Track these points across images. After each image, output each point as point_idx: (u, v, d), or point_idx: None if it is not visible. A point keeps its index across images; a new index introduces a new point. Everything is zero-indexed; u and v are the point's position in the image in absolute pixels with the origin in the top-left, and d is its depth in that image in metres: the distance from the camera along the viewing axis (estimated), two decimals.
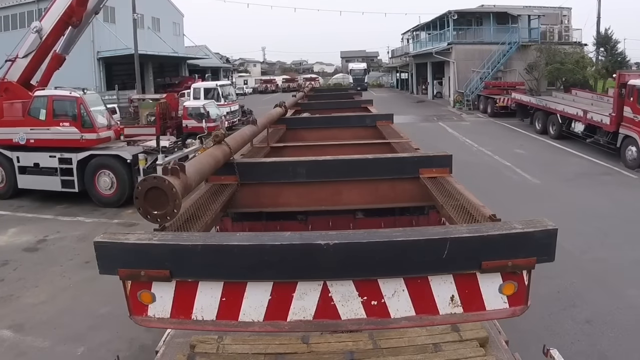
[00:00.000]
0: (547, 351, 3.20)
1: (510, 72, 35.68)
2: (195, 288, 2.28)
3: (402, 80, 65.15)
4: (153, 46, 51.98)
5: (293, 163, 4.26)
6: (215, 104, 22.73)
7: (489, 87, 32.10)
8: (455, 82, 35.86)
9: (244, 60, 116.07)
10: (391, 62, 74.75)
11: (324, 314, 2.28)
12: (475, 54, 35.82)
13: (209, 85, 26.35)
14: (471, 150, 19.91)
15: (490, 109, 30.56)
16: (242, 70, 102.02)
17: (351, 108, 10.50)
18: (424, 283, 2.26)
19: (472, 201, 3.27)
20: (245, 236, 2.33)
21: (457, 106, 35.20)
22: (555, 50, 33.63)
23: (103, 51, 43.18)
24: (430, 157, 4.25)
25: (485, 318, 2.42)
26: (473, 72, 35.12)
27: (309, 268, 2.20)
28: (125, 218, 12.73)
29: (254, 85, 73.84)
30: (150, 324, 2.35)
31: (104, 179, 13.46)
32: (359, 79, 63.38)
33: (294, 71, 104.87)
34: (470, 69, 35.55)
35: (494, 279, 2.26)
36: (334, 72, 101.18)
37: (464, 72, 35.62)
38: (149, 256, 2.23)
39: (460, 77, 35.69)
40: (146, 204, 2.47)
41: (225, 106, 24.51)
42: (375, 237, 2.22)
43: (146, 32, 52.68)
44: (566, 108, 21.01)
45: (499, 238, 2.21)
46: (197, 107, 21.40)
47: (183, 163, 2.73)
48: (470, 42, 36.70)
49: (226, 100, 25.21)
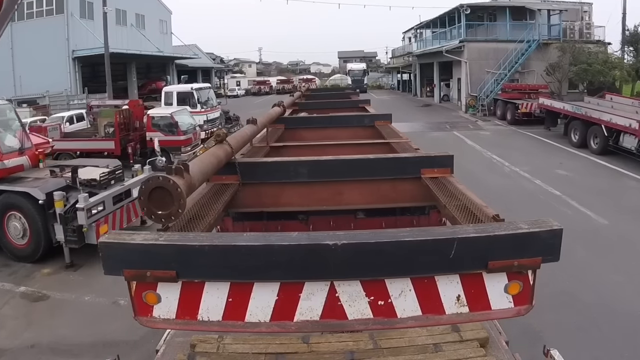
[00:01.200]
0: (547, 351, 3.20)
1: (529, 74, 31.95)
2: (202, 289, 2.24)
3: (404, 81, 61.36)
4: (137, 45, 48.20)
5: (294, 163, 4.22)
6: (189, 111, 18.78)
7: (507, 91, 28.33)
8: (468, 85, 32.07)
9: (238, 60, 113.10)
10: (392, 62, 71.05)
11: (330, 314, 2.25)
12: (489, 53, 32.06)
13: (183, 89, 22.22)
14: (502, 171, 16.10)
15: (510, 115, 26.79)
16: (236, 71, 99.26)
17: (349, 108, 10.25)
18: (431, 283, 2.24)
19: (475, 201, 3.21)
20: (252, 236, 2.28)
21: (470, 111, 31.41)
22: (579, 49, 29.93)
23: (78, 50, 39.24)
24: (431, 157, 4.19)
25: (491, 317, 2.42)
26: (487, 73, 31.33)
27: (316, 268, 2.17)
28: (38, 283, 8.92)
29: (247, 86, 69.89)
30: (155, 325, 2.31)
31: (14, 224, 9.62)
32: (358, 80, 59.67)
33: (290, 72, 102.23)
34: (484, 69, 31.79)
35: (499, 279, 2.24)
36: (331, 73, 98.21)
37: (477, 73, 31.84)
38: (155, 257, 2.18)
39: (473, 79, 31.92)
40: (150, 204, 2.41)
41: (201, 114, 20.60)
42: (383, 238, 2.19)
43: (129, 30, 48.87)
44: (614, 118, 17.21)
45: (506, 238, 2.18)
46: (164, 116, 17.49)
47: (187, 162, 2.67)
48: (484, 39, 32.85)
49: (204, 107, 21.24)
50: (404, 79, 61.77)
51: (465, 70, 32.08)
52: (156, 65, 59.68)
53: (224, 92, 66.19)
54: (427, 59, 43.08)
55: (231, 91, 65.18)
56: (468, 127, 26.06)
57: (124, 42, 47.21)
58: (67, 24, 40.26)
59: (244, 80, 73.53)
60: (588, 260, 8.74)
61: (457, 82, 38.66)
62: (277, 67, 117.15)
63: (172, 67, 58.13)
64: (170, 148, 17.24)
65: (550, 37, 33.04)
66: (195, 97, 20.83)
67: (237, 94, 63.92)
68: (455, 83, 39.47)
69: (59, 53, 39.87)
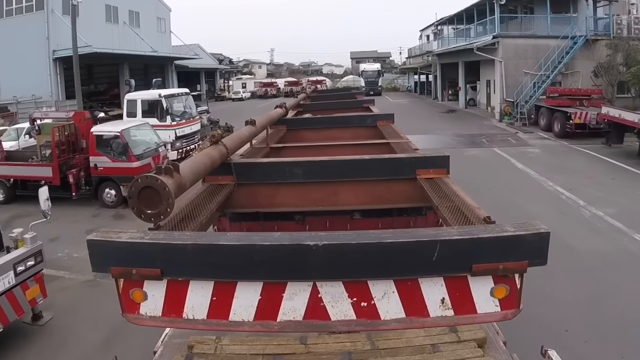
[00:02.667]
0: (544, 352, 3.20)
1: (572, 75, 27.03)
2: (186, 287, 2.26)
3: (422, 83, 56.46)
4: (130, 44, 44.04)
5: (290, 163, 4.23)
6: (150, 126, 14.14)
7: (553, 96, 23.43)
8: (503, 88, 27.21)
9: (248, 61, 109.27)
10: (408, 62, 66.08)
11: (313, 314, 2.26)
12: (527, 51, 27.21)
13: (149, 96, 17.30)
14: (582, 217, 11.31)
15: (558, 126, 21.93)
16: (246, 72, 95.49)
17: (353, 108, 10.05)
18: (414, 285, 2.24)
19: (468, 202, 3.18)
20: (235, 236, 2.33)
21: (506, 120, 26.58)
22: (634, 48, 24.97)
23: (60, 50, 35.01)
24: (427, 157, 4.17)
25: (477, 321, 2.53)
26: (526, 74, 26.43)
27: (298, 269, 2.18)
28: None
29: (253, 88, 65.39)
30: (142, 322, 2.33)
31: None
32: (372, 81, 54.94)
33: (302, 73, 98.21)
34: (521, 70, 26.91)
35: (485, 282, 2.22)
36: (343, 74, 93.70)
37: (513, 75, 27.00)
38: (140, 254, 2.21)
39: (508, 82, 27.02)
40: (140, 203, 2.43)
41: (172, 128, 16.02)
42: (365, 239, 2.19)
43: (121, 28, 44.61)
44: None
45: (490, 241, 2.16)
46: (111, 134, 12.93)
47: (177, 162, 2.68)
48: (521, 35, 27.94)
49: (178, 119, 16.63)
50: (421, 81, 56.91)
51: (499, 71, 27.22)
52: (154, 66, 55.62)
53: (228, 95, 61.84)
54: (450, 59, 38.23)
55: (236, 94, 60.70)
56: (510, 142, 21.22)
57: (115, 41, 43.15)
58: (48, 22, 36.13)
59: (250, 82, 68.96)
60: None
61: (485, 84, 33.79)
62: (289, 68, 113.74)
63: (170, 68, 54.02)
64: (121, 178, 12.72)
65: (597, 32, 28.04)
66: (165, 106, 16.16)
67: (242, 97, 59.49)
68: (483, 86, 34.58)
69: (39, 53, 35.75)
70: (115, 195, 13.05)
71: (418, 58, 55.64)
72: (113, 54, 37.64)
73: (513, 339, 3.89)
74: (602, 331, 6.48)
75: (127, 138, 12.69)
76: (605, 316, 6.83)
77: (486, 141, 21.44)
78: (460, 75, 36.15)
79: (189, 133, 17.10)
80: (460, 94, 36.36)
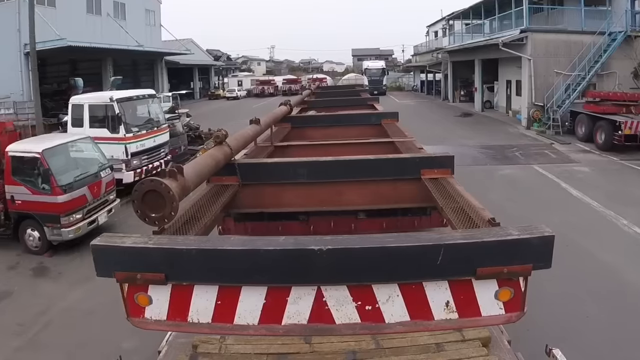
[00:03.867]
0: (549, 351, 3.22)
1: (608, 76, 23.44)
2: (191, 291, 2.27)
3: (429, 82, 52.85)
4: (115, 38, 40.51)
5: (294, 164, 4.24)
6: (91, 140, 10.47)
7: (594, 101, 19.88)
8: (531, 90, 23.68)
9: (247, 58, 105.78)
10: (414, 60, 62.48)
11: (318, 318, 2.27)
12: (559, 48, 23.70)
13: (98, 101, 13.05)
14: None
15: (603, 137, 18.47)
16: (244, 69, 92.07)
17: (358, 106, 9.97)
18: (419, 289, 2.23)
19: (472, 204, 3.16)
20: (239, 240, 2.35)
21: (536, 127, 23.03)
22: None
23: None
24: (431, 157, 4.15)
25: (481, 324, 2.43)
26: (558, 75, 22.89)
27: (302, 273, 2.18)
28: None
29: (249, 86, 61.72)
30: (147, 326, 2.34)
31: None
32: (376, 80, 51.36)
33: (302, 70, 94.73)
34: (552, 70, 23.39)
35: (489, 285, 2.21)
36: (344, 72, 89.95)
37: (543, 76, 23.47)
38: (144, 259, 2.22)
39: (537, 83, 23.46)
40: (144, 207, 2.43)
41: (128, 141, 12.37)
42: (369, 243, 2.18)
43: (105, 20, 41.02)
44: None
45: (494, 244, 2.15)
46: (30, 155, 9.33)
47: (181, 165, 2.71)
48: (553, 29, 24.34)
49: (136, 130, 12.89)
50: (429, 80, 53.33)
51: (528, 71, 23.66)
52: (143, 63, 52.14)
53: (222, 94, 58.18)
54: (464, 56, 34.68)
55: (230, 92, 57.01)
56: (549, 157, 17.67)
57: (98, 34, 39.52)
58: (19, 12, 32.42)
59: (246, 79, 65.28)
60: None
61: (505, 85, 30.22)
62: (289, 65, 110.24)
63: (160, 64, 50.49)
64: (43, 216, 9.22)
65: (635, 27, 24.46)
66: (117, 112, 12.32)
67: (238, 96, 55.87)
68: (502, 87, 31.02)
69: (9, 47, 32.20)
70: (39, 238, 9.50)
71: (426, 55, 52.05)
72: (91, 48, 34.04)
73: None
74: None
75: (51, 161, 9.10)
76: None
77: (520, 155, 17.91)
78: (476, 74, 32.56)
79: (152, 147, 13.46)
80: (477, 95, 32.76)
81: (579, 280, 7.70)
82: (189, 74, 59.86)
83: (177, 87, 60.88)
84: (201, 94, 60.58)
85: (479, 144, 20.07)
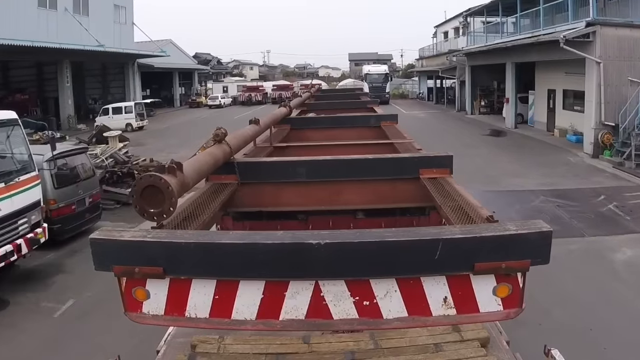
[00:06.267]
0: (547, 351, 3.20)
1: None
2: (189, 286, 2.26)
3: (438, 89, 46.66)
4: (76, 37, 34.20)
5: (293, 163, 4.24)
6: None
7: None
8: (600, 105, 17.32)
9: (238, 62, 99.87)
10: (419, 64, 56.28)
11: (316, 313, 2.25)
12: (635, 48, 17.37)
13: None
14: None
15: None
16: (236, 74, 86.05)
17: (357, 108, 9.89)
18: (417, 284, 2.23)
19: (470, 202, 3.14)
20: (237, 235, 2.39)
21: (608, 156, 16.65)
22: None
23: None
24: (430, 157, 4.10)
25: (479, 320, 2.46)
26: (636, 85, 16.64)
27: (300, 267, 2.17)
28: None
29: (236, 93, 55.29)
30: (145, 321, 2.34)
31: None
32: (378, 87, 45.14)
33: (297, 75, 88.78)
34: (625, 77, 17.11)
35: (487, 281, 2.20)
36: (341, 77, 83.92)
37: (615, 85, 17.18)
38: (142, 253, 2.21)
39: (607, 94, 17.20)
40: (142, 202, 2.41)
41: None
42: (367, 237, 2.18)
43: (61, 16, 34.54)
44: None
45: (492, 239, 2.14)
46: None
47: (180, 162, 2.70)
48: (625, 23, 18.02)
49: None
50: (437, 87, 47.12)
51: (596, 78, 17.27)
52: (114, 66, 45.84)
53: (205, 102, 51.66)
54: (487, 59, 28.47)
55: (212, 100, 50.50)
56: None
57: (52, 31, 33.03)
58: None
59: (232, 85, 58.69)
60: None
61: (547, 96, 23.94)
62: (283, 70, 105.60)
63: (132, 68, 44.01)
64: None
65: None
66: None
67: (221, 104, 49.43)
68: (541, 97, 24.73)
69: None
70: None
71: (434, 59, 45.82)
72: (35, 48, 27.66)
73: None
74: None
75: None
76: None
77: (621, 211, 11.32)
78: (508, 81, 26.10)
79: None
80: (508, 107, 26.23)
81: None
82: (168, 79, 53.46)
83: (158, 93, 54.58)
84: (183, 100, 54.17)
85: (543, 186, 13.53)
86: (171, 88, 54.48)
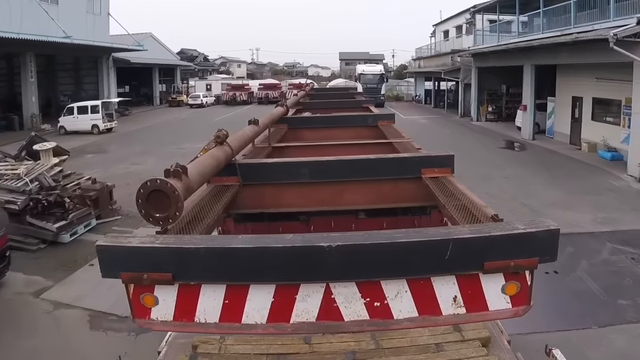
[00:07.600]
0: (549, 351, 3.21)
1: None
2: (198, 291, 2.24)
3: (437, 92, 43.74)
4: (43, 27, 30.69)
5: (295, 164, 4.21)
6: None
7: None
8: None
9: (225, 59, 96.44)
10: (416, 65, 53.26)
11: (326, 315, 2.25)
12: None
13: None
14: None
15: None
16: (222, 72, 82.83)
17: (353, 108, 9.84)
18: (427, 284, 2.22)
19: (474, 201, 3.14)
20: (247, 239, 2.33)
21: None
22: None
23: None
24: (432, 157, 4.12)
25: (488, 318, 2.42)
26: None
27: (311, 270, 2.16)
28: None
29: (220, 91, 51.85)
30: (154, 327, 2.32)
31: None
32: (373, 88, 42.18)
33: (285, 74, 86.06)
34: None
35: (496, 280, 2.21)
36: (331, 76, 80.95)
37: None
38: (151, 259, 2.19)
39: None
40: (148, 207, 2.40)
41: None
42: (378, 239, 2.18)
43: (26, 4, 31.01)
44: None
45: (502, 238, 2.16)
46: None
47: (185, 165, 2.65)
48: None
49: None
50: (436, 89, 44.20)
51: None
52: (88, 60, 42.21)
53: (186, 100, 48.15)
54: (499, 60, 25.51)
55: (194, 99, 47.04)
56: None
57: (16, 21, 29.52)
58: None
59: (216, 83, 55.19)
60: None
61: (572, 104, 21.02)
62: (272, 68, 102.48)
63: (106, 62, 40.49)
64: None
65: None
66: None
67: (204, 103, 46.07)
68: (563, 105, 21.80)
69: None
70: None
71: (433, 60, 42.87)
72: (14, 39, 24.29)
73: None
74: None
75: None
76: None
77: None
78: (526, 85, 23.05)
79: None
80: (525, 116, 23.23)
81: None
82: (147, 75, 49.86)
83: (138, 90, 51.18)
84: (163, 98, 50.63)
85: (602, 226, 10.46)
86: (151, 85, 51.01)
